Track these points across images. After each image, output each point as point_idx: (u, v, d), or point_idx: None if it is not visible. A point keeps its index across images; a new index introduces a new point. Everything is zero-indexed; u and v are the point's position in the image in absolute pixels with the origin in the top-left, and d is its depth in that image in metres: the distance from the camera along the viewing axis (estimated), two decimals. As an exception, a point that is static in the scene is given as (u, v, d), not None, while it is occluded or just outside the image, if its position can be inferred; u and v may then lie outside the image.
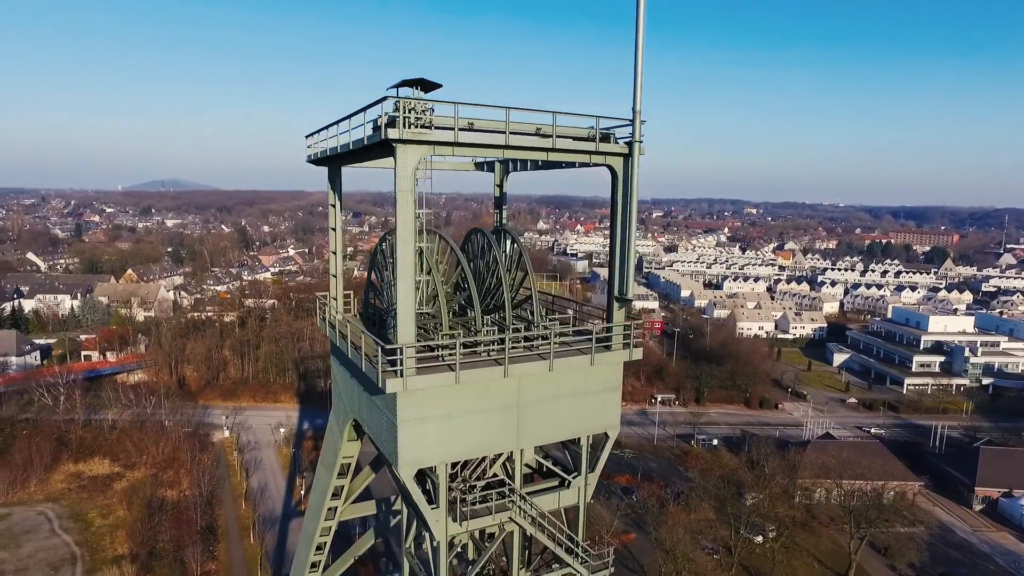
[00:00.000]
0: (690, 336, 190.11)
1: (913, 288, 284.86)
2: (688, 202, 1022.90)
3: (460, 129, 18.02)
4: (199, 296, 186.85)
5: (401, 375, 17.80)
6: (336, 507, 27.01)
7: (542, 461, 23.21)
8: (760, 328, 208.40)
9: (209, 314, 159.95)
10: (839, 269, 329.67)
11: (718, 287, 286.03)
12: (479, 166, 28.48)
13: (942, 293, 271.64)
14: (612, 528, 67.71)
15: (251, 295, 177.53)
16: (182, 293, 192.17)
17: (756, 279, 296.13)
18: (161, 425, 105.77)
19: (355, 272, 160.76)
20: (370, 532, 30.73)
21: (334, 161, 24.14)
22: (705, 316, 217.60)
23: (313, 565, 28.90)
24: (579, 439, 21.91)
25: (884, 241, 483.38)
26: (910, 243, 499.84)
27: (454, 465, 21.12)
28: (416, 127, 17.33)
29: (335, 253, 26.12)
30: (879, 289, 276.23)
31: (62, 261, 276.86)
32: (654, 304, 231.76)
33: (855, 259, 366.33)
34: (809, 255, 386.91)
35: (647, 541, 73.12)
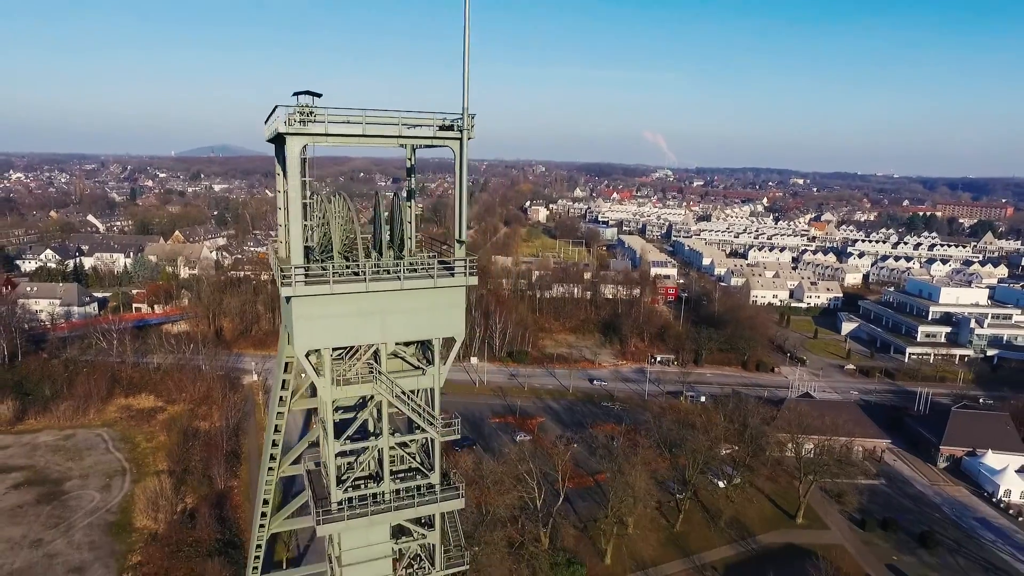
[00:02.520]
0: (703, 302, 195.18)
1: (945, 261, 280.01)
2: (733, 171, 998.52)
3: (330, 122, 26.76)
4: (239, 256, 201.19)
5: (291, 285, 27.02)
6: (286, 397, 36.90)
7: (417, 361, 32.29)
8: (775, 296, 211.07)
9: (247, 272, 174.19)
10: (871, 241, 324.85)
11: (744, 256, 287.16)
12: (401, 146, 36.08)
13: (975, 266, 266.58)
14: (567, 457, 77.44)
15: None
16: (224, 253, 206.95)
17: (783, 249, 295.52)
18: (199, 368, 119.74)
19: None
20: (319, 423, 40.61)
21: (275, 141, 33.17)
22: (722, 284, 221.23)
23: (274, 443, 39.01)
24: (431, 340, 30.92)
25: (929, 213, 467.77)
26: (956, 215, 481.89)
27: (340, 351, 30.40)
28: (298, 124, 26.16)
29: (280, 208, 35.53)
30: (908, 261, 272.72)
31: (118, 223, 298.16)
32: (672, 271, 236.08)
33: (889, 231, 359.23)
34: (843, 226, 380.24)
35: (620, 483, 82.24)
